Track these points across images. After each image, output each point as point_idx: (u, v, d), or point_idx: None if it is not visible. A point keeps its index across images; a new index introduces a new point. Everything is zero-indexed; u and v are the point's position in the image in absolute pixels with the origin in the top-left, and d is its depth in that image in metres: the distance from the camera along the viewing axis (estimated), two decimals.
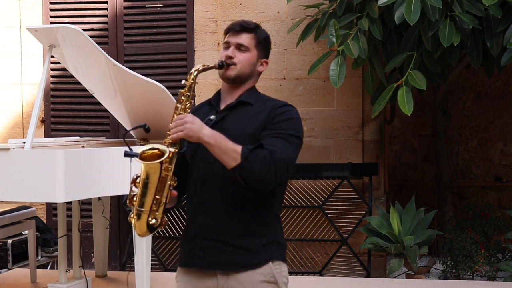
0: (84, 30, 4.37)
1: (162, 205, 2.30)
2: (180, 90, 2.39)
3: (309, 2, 5.88)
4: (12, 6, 6.65)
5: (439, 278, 5.92)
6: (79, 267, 4.81)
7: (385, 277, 5.97)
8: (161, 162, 2.25)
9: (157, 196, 2.29)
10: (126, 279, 4.75)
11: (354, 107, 6.16)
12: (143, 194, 2.27)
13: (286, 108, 2.47)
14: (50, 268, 5.98)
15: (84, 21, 6.49)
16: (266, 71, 6.20)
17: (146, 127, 2.44)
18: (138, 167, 2.31)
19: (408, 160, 7.73)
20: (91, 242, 5.69)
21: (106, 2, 6.49)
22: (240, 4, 6.28)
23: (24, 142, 4.06)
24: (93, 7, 6.53)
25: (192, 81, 2.40)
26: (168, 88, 4.55)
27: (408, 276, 5.73)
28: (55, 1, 6.59)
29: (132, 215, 2.31)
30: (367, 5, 5.12)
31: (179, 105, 2.36)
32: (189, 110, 2.35)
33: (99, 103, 5.08)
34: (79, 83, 4.96)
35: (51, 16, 6.58)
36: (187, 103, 2.36)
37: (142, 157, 2.27)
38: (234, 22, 2.50)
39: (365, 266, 5.93)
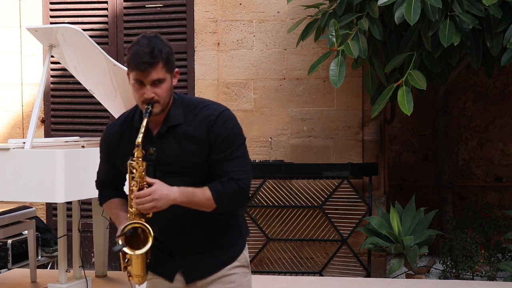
0: (84, 30, 4.37)
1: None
2: (129, 162, 2.34)
3: (309, 2, 5.88)
4: (12, 6, 6.65)
5: (439, 278, 5.92)
6: (79, 267, 4.81)
7: (385, 277, 5.97)
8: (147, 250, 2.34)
9: (147, 257, 2.40)
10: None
11: (354, 107, 6.16)
12: (136, 267, 2.38)
13: (221, 120, 2.39)
14: (50, 268, 5.97)
15: (84, 21, 6.49)
16: (266, 71, 6.24)
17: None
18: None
19: (408, 160, 7.73)
20: (91, 242, 5.69)
21: (106, 2, 6.49)
22: (240, 4, 6.28)
23: (24, 142, 4.06)
24: (93, 7, 6.53)
25: (140, 157, 2.34)
26: None
27: (408, 276, 5.73)
28: (55, 1, 6.59)
29: (130, 275, 2.42)
30: (367, 5, 5.12)
31: (133, 175, 2.33)
32: (144, 178, 2.32)
33: (99, 103, 5.08)
34: (79, 83, 4.96)
35: (51, 16, 6.58)
36: (142, 174, 2.33)
37: (127, 240, 2.34)
38: (138, 57, 2.33)
39: (365, 266, 5.93)
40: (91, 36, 4.49)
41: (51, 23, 6.46)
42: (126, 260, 2.37)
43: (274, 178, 6.07)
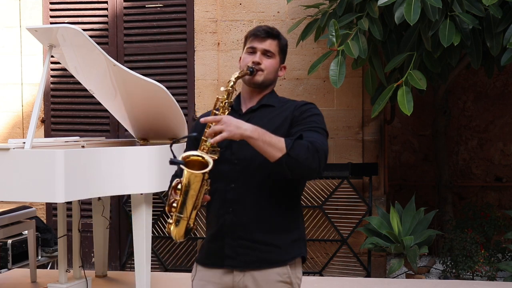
0: (84, 30, 4.36)
1: (197, 209, 2.33)
2: (217, 96, 2.41)
3: (309, 2, 5.88)
4: (12, 6, 6.65)
5: (439, 278, 5.92)
6: (79, 267, 4.81)
7: (385, 277, 5.97)
8: (204, 173, 2.26)
9: (195, 203, 2.31)
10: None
11: (354, 107, 6.16)
12: (184, 201, 2.29)
13: (310, 105, 2.54)
14: (50, 268, 5.97)
15: (84, 21, 6.49)
16: None
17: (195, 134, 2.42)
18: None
19: (408, 160, 7.73)
20: (91, 242, 5.69)
21: (106, 2, 6.49)
22: (240, 4, 6.28)
23: (24, 142, 4.06)
24: (93, 7, 6.54)
25: (231, 88, 2.41)
26: (168, 88, 4.54)
27: (408, 276, 5.73)
28: (55, 1, 6.59)
29: (170, 221, 2.33)
30: (367, 5, 5.12)
31: (216, 112, 2.39)
32: (225, 112, 2.37)
33: (99, 103, 5.08)
34: (79, 83, 4.95)
35: (51, 16, 6.58)
36: (226, 110, 2.38)
37: (186, 163, 2.27)
38: (258, 28, 2.53)
39: (365, 266, 5.93)
40: (91, 36, 4.49)
41: (51, 23, 6.46)
42: (174, 194, 2.29)
43: None
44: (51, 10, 6.60)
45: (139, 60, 6.41)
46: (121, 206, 6.36)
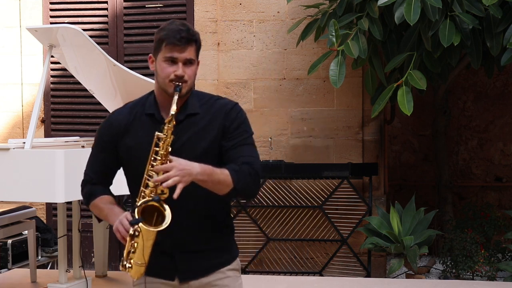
0: (84, 30, 4.37)
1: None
2: (157, 133, 2.29)
3: (309, 2, 5.88)
4: (12, 6, 6.65)
5: (439, 278, 5.92)
6: (79, 267, 4.81)
7: (385, 277, 5.97)
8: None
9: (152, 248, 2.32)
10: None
11: (354, 107, 6.16)
12: (147, 250, 2.29)
13: (237, 109, 2.45)
14: (50, 268, 5.97)
15: (84, 21, 6.49)
16: (266, 71, 6.24)
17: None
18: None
19: (408, 160, 7.73)
20: (91, 242, 5.69)
21: (106, 2, 6.49)
22: (240, 4, 6.28)
23: (24, 142, 4.06)
24: (93, 7, 6.54)
25: (170, 124, 2.29)
26: None
27: (408, 276, 5.73)
28: (55, 1, 6.59)
29: (129, 265, 2.30)
30: (367, 5, 5.12)
31: (157, 149, 2.28)
32: (168, 154, 2.28)
33: (99, 103, 5.08)
34: (79, 83, 4.96)
35: (51, 16, 6.58)
36: (169, 147, 2.28)
37: (142, 211, 2.26)
38: (175, 33, 2.31)
39: (365, 266, 5.93)
40: (91, 36, 4.49)
41: (51, 23, 6.46)
42: (132, 245, 2.26)
43: (274, 178, 6.07)
44: (51, 10, 6.60)
45: (139, 60, 6.40)
46: (121, 206, 6.35)
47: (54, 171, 3.84)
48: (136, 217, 2.24)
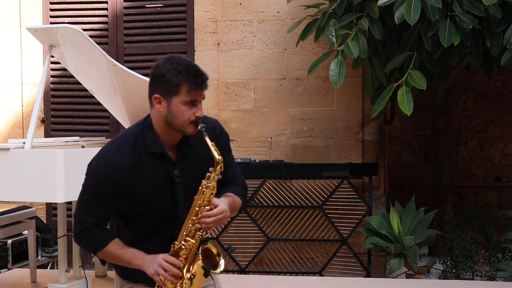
0: (84, 30, 4.37)
1: None
2: (205, 182, 2.35)
3: (309, 2, 5.88)
4: (12, 6, 6.65)
5: (439, 278, 5.92)
6: (79, 267, 4.81)
7: (385, 277, 5.97)
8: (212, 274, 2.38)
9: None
10: None
11: (354, 107, 6.16)
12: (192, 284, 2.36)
13: (221, 128, 2.54)
14: (50, 268, 5.97)
15: (84, 21, 6.49)
16: (266, 71, 6.24)
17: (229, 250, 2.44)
18: None
19: (408, 160, 7.73)
20: None
21: (106, 2, 6.49)
22: (240, 4, 6.28)
23: (24, 142, 4.06)
24: (93, 7, 6.54)
25: (215, 173, 2.36)
26: None
27: (408, 276, 5.73)
28: (55, 1, 6.59)
29: None
30: (367, 5, 5.12)
31: (208, 197, 2.35)
32: (214, 194, 2.37)
33: (99, 103, 5.08)
34: (79, 83, 4.95)
35: (51, 16, 6.58)
36: (212, 194, 2.36)
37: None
38: (195, 77, 2.34)
39: (365, 266, 5.93)
40: (91, 36, 4.49)
41: (51, 23, 6.46)
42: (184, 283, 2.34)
43: (274, 178, 6.07)
44: (51, 10, 6.60)
45: (139, 60, 6.41)
46: None
47: (54, 171, 3.83)
48: (200, 257, 2.34)
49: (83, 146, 4.73)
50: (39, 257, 5.75)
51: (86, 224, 2.39)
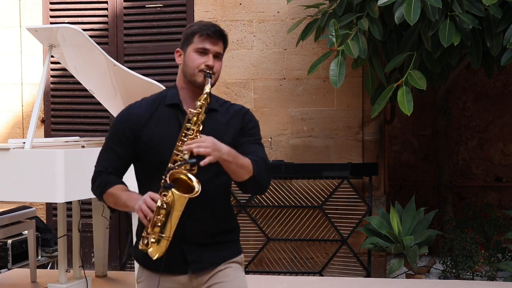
0: (84, 30, 4.37)
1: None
2: (190, 110, 2.35)
3: (309, 2, 5.88)
4: (12, 6, 6.65)
5: (439, 278, 5.92)
6: (79, 267, 4.81)
7: (385, 277, 5.97)
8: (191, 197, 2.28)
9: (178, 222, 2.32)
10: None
11: (354, 107, 6.16)
12: (168, 221, 2.29)
13: (250, 113, 2.56)
14: (50, 268, 5.97)
15: (84, 21, 6.49)
16: (266, 71, 6.24)
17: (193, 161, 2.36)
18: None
19: (408, 160, 7.73)
20: (91, 242, 5.69)
21: (106, 2, 6.49)
22: (240, 4, 6.28)
23: (24, 142, 4.06)
24: (93, 7, 6.54)
25: (205, 102, 2.36)
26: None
27: (408, 276, 5.73)
28: (55, 1, 6.59)
29: (146, 242, 2.31)
30: (367, 5, 5.12)
31: (189, 125, 2.34)
32: (200, 127, 2.35)
33: (99, 103, 5.08)
34: (79, 83, 4.95)
35: (51, 16, 6.58)
36: (200, 125, 2.35)
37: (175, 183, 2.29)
38: (209, 26, 2.44)
39: (365, 266, 5.93)
40: (91, 36, 4.49)
41: (51, 23, 6.46)
42: (158, 219, 2.26)
43: (274, 178, 6.07)
44: (51, 10, 6.60)
45: (139, 60, 6.41)
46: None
47: (54, 171, 3.84)
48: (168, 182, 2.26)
49: (83, 146, 4.73)
50: (39, 257, 5.75)
51: (99, 168, 2.54)
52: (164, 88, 4.46)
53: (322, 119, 6.17)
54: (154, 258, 2.33)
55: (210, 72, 2.41)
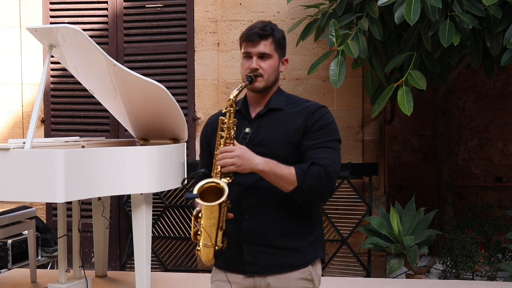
0: (84, 30, 4.36)
1: (223, 230, 2.32)
2: (221, 117, 2.38)
3: (309, 2, 5.88)
4: (12, 6, 6.65)
5: (439, 278, 5.92)
6: (79, 267, 4.81)
7: (385, 277, 5.97)
8: (220, 203, 2.27)
9: (218, 228, 2.32)
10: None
11: (354, 107, 6.16)
12: (209, 229, 2.30)
13: (322, 111, 2.47)
14: (50, 268, 5.98)
15: (84, 21, 6.49)
16: None
17: (205, 171, 2.40)
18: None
19: (408, 160, 7.73)
20: (91, 242, 5.69)
21: (106, 2, 6.49)
22: (240, 4, 6.28)
23: (24, 142, 4.05)
24: (93, 7, 6.54)
25: (231, 108, 2.38)
26: (168, 88, 4.54)
27: (408, 276, 5.73)
28: (55, 1, 6.59)
29: (198, 248, 2.34)
30: (367, 5, 5.12)
31: (222, 133, 2.36)
32: (233, 138, 2.35)
33: (99, 103, 5.08)
34: (79, 83, 4.95)
35: (51, 16, 6.58)
36: (232, 130, 2.36)
37: (201, 193, 2.28)
38: (250, 30, 2.46)
39: (365, 266, 5.93)
40: (91, 36, 4.49)
41: (51, 23, 6.46)
42: (196, 224, 2.30)
43: None
44: (51, 10, 6.60)
45: (139, 60, 6.41)
46: (121, 206, 6.36)
47: (54, 171, 3.83)
48: (194, 193, 2.27)
49: (83, 146, 4.73)
50: (39, 257, 5.75)
51: (197, 171, 2.52)
52: (164, 88, 4.48)
53: None
54: (205, 263, 2.36)
55: (252, 75, 2.43)
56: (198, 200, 2.25)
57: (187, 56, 6.35)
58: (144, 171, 4.24)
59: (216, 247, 2.32)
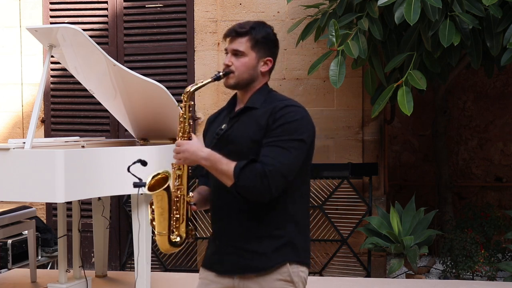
0: (84, 30, 4.36)
1: (183, 221, 2.41)
2: (180, 112, 2.47)
3: (309, 2, 5.88)
4: (12, 6, 6.65)
5: (439, 278, 5.92)
6: (79, 267, 4.81)
7: (385, 277, 5.97)
8: (165, 189, 2.37)
9: (175, 217, 2.42)
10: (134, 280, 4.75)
11: (354, 107, 6.16)
12: (159, 218, 2.40)
13: (286, 110, 2.37)
14: (50, 268, 5.97)
15: (84, 21, 6.49)
16: None
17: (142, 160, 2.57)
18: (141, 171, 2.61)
19: (408, 160, 7.73)
20: (91, 242, 5.69)
21: (106, 2, 6.49)
22: (240, 4, 6.28)
23: (24, 142, 4.06)
24: (93, 7, 6.53)
25: (185, 103, 2.46)
26: (168, 88, 4.55)
27: (408, 276, 5.73)
28: (55, 1, 6.59)
29: (155, 235, 2.46)
30: (367, 5, 5.12)
31: (179, 127, 2.44)
32: (188, 131, 2.42)
33: (99, 103, 5.08)
34: (79, 83, 4.96)
35: (51, 16, 6.58)
36: (186, 124, 2.43)
37: (151, 184, 2.39)
38: (230, 27, 2.50)
39: (365, 266, 5.93)
40: (91, 36, 4.49)
41: (51, 23, 6.46)
42: (152, 212, 2.42)
43: None
44: (51, 10, 6.60)
45: (139, 60, 6.41)
46: (121, 206, 6.36)
47: (54, 171, 3.83)
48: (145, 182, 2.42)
49: (83, 146, 4.73)
50: (39, 257, 5.75)
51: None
52: (164, 88, 4.49)
53: (322, 119, 6.17)
54: (162, 251, 2.47)
55: (221, 72, 2.48)
56: (143, 188, 2.40)
57: (187, 56, 6.35)
58: (144, 171, 4.23)
59: (172, 237, 2.42)
